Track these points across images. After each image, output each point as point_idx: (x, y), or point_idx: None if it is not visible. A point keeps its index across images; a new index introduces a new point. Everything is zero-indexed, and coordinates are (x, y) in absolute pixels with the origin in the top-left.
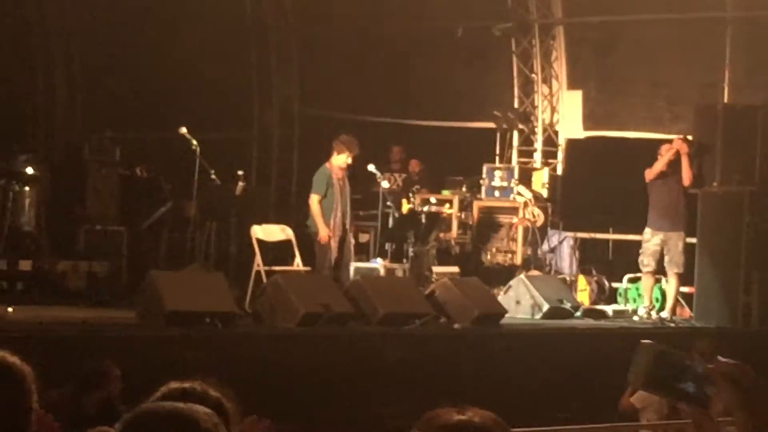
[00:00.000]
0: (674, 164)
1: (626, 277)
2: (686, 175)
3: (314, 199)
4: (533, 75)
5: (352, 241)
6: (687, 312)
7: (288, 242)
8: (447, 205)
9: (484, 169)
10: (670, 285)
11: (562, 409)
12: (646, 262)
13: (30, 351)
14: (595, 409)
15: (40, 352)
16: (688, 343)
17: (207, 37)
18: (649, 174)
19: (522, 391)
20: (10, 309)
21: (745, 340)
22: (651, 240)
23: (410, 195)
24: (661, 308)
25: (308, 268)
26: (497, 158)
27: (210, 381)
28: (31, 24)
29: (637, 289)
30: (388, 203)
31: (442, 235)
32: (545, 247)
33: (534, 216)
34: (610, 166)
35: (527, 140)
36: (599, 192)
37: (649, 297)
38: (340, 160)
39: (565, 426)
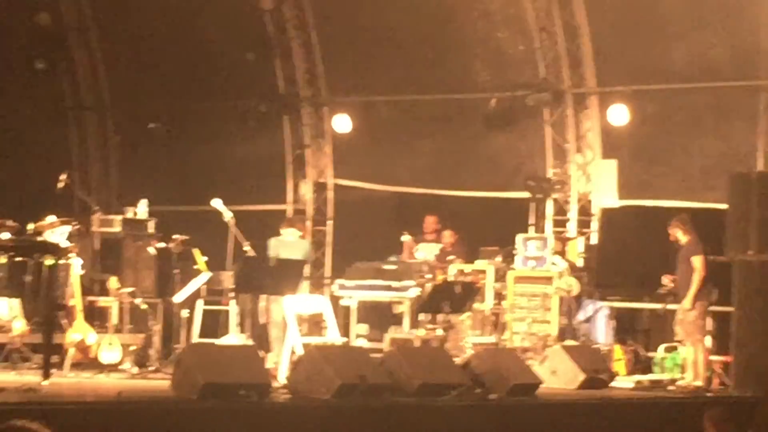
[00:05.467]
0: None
1: (662, 346)
2: None
3: None
4: (567, 144)
5: None
6: (724, 381)
7: (322, 313)
8: (481, 275)
9: (519, 239)
10: (703, 353)
11: None
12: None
13: (66, 423)
14: None
15: (75, 424)
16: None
17: (241, 109)
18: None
19: None
20: (45, 382)
21: None
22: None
23: (445, 265)
24: (697, 377)
25: (344, 339)
26: (531, 228)
27: None
28: (65, 97)
29: (673, 358)
30: (423, 274)
31: (476, 305)
32: (580, 316)
33: (569, 286)
34: (646, 235)
35: (561, 209)
36: (634, 261)
37: (686, 366)
38: None
39: None
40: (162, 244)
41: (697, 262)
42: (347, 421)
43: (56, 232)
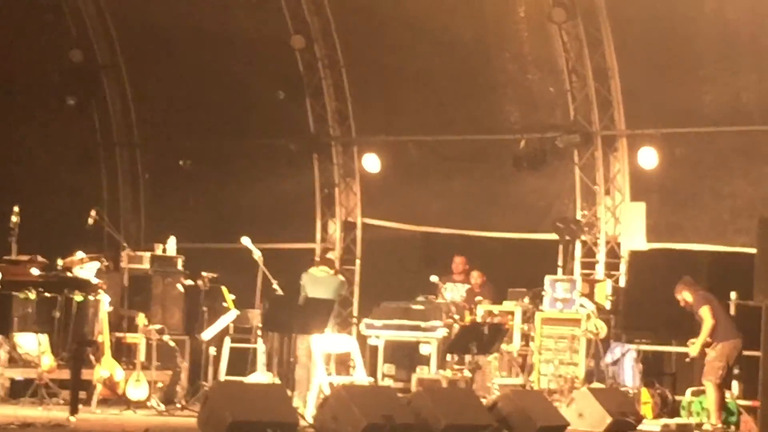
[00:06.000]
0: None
1: (689, 390)
2: None
3: None
4: (596, 186)
5: None
6: (752, 426)
7: (349, 352)
8: (509, 316)
9: (547, 280)
10: (714, 394)
11: None
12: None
13: None
14: None
15: None
16: None
17: (271, 149)
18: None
19: None
20: (72, 418)
21: None
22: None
23: (472, 306)
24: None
25: (371, 378)
26: (560, 269)
27: None
28: (96, 134)
29: (700, 402)
30: (451, 314)
31: (504, 346)
32: (608, 359)
33: (597, 328)
34: (674, 278)
35: (590, 251)
36: (662, 304)
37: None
38: None
39: None
40: (190, 282)
41: (703, 312)
42: None
43: (85, 268)
